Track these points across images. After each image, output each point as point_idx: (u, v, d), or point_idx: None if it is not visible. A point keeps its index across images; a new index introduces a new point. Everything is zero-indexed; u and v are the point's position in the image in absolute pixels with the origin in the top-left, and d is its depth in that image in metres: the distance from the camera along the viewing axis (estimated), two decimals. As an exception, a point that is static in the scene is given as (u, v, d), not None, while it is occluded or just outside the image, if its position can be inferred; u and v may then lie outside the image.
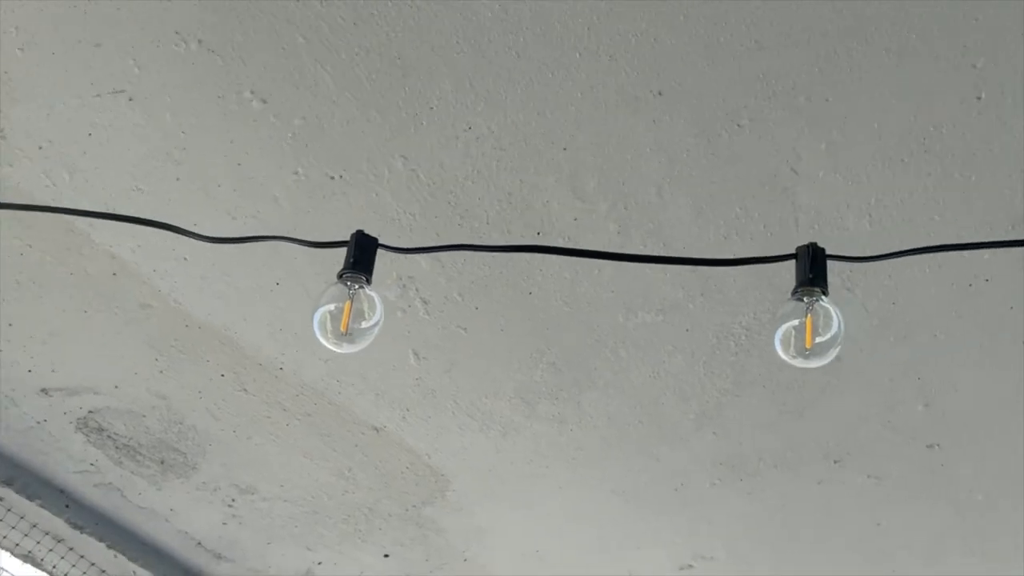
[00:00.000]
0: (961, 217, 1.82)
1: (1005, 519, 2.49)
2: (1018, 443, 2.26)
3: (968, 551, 2.60)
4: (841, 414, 2.21)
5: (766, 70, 1.63)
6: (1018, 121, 1.67)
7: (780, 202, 1.82)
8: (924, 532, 2.55)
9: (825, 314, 1.20)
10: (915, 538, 2.57)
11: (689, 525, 2.58)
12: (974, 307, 1.98)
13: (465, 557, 2.80)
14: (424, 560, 2.82)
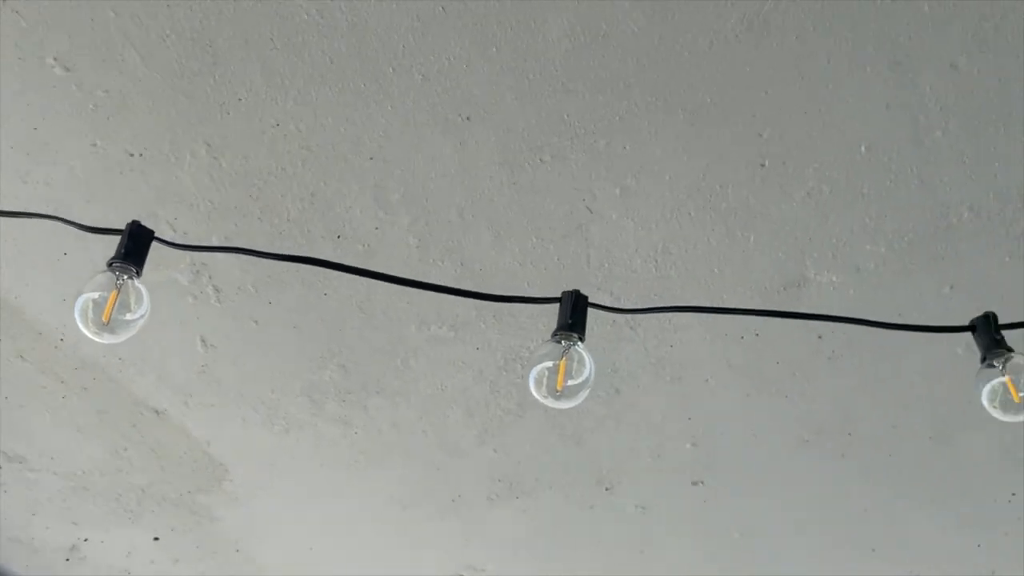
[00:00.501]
0: (739, 273, 1.95)
1: (758, 558, 2.66)
2: (775, 487, 2.42)
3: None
4: (615, 444, 2.32)
5: (571, 112, 1.70)
6: (796, 190, 1.80)
7: (575, 238, 1.90)
8: (685, 563, 2.69)
9: (579, 359, 1.27)
10: (677, 568, 2.71)
11: (463, 536, 2.65)
12: (744, 359, 2.12)
13: (237, 548, 2.79)
14: (195, 547, 2.79)
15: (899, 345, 2.01)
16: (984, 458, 2.32)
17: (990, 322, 1.34)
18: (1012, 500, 2.43)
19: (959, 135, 1.72)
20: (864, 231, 1.86)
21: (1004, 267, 1.91)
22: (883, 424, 2.23)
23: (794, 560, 2.61)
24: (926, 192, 1.80)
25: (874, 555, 2.59)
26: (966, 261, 1.91)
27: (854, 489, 2.40)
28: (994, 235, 1.87)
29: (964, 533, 2.53)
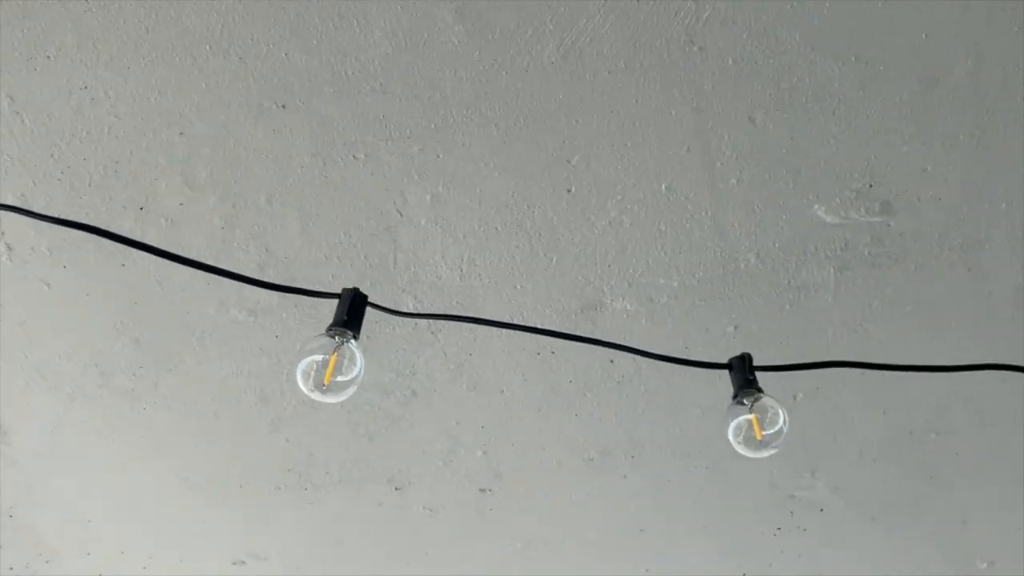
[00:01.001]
0: (540, 291, 2.01)
1: (539, 569, 2.74)
2: (560, 501, 2.50)
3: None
4: (408, 445, 2.36)
5: (387, 113, 1.73)
6: (599, 219, 1.88)
7: (383, 238, 1.92)
8: (468, 568, 2.75)
9: (351, 356, 1.30)
10: (459, 572, 2.77)
11: (248, 523, 2.63)
12: (539, 374, 2.19)
13: (11, 514, 2.70)
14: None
15: (683, 376, 2.11)
16: (754, 491, 2.45)
17: (745, 362, 1.44)
18: (777, 534, 2.58)
19: (752, 185, 1.83)
20: (659, 265, 1.95)
21: (784, 314, 2.04)
22: (664, 450, 2.34)
23: (572, 574, 2.70)
24: (718, 235, 1.90)
25: (647, 575, 2.71)
26: (750, 304, 2.02)
27: (633, 510, 2.51)
28: (777, 284, 1.99)
29: (733, 562, 2.67)
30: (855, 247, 1.92)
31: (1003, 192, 1.83)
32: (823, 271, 1.96)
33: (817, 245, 1.92)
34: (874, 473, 2.42)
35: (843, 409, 2.26)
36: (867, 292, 2.01)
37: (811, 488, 2.46)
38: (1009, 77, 1.66)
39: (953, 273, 1.97)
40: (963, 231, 1.90)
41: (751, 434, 1.43)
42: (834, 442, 2.33)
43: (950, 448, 2.35)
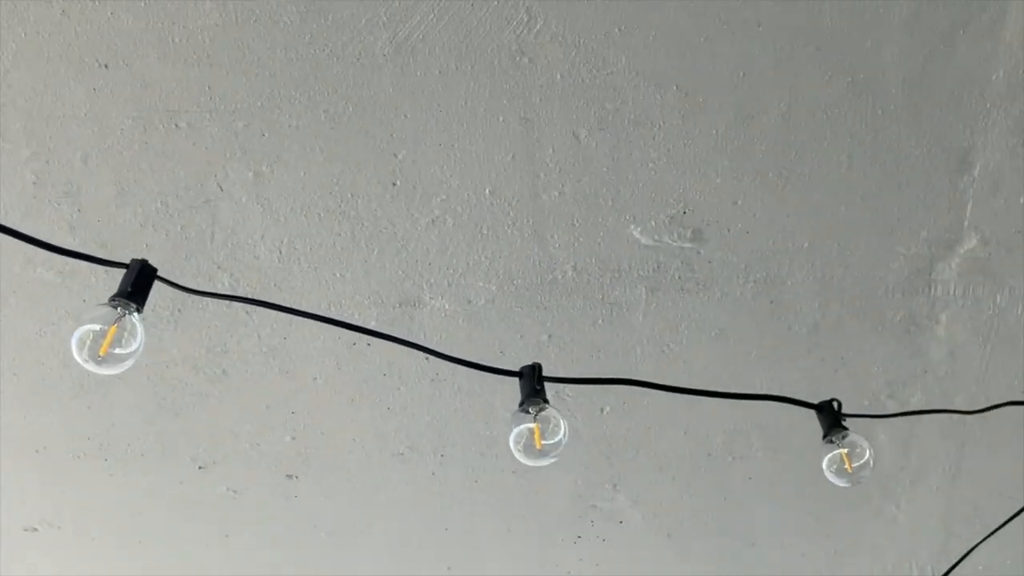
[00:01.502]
0: (359, 282, 2.02)
1: (341, 559, 2.74)
2: (367, 493, 2.51)
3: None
4: (215, 424, 2.32)
5: (213, 85, 1.71)
6: (423, 216, 1.90)
7: (201, 211, 1.90)
8: (268, 553, 2.73)
9: (131, 328, 1.28)
10: (258, 556, 2.74)
11: (43, 489, 2.55)
12: (353, 364, 2.19)
13: None
14: None
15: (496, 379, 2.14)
16: (558, 499, 2.51)
17: (535, 372, 1.48)
18: (577, 542, 2.65)
19: (573, 199, 1.87)
20: (479, 268, 1.98)
21: (596, 328, 2.10)
22: (473, 451, 2.37)
23: (374, 567, 2.71)
24: (538, 244, 1.94)
25: (449, 573, 2.74)
26: (564, 316, 2.07)
27: (439, 508, 2.53)
28: (591, 298, 2.05)
29: (532, 566, 2.73)
30: (666, 270, 1.99)
31: (807, 232, 1.93)
32: (635, 290, 2.03)
33: (631, 264, 1.98)
34: (672, 490, 2.51)
35: (647, 425, 2.34)
36: (675, 314, 2.08)
37: (612, 500, 2.53)
38: (818, 123, 1.75)
39: (756, 304, 2.06)
40: (767, 266, 1.99)
41: (531, 442, 1.47)
42: (636, 457, 2.41)
43: (744, 472, 2.45)
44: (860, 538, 2.64)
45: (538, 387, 1.46)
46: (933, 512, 2.55)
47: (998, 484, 2.46)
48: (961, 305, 2.06)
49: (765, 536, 2.65)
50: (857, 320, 2.09)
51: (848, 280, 2.02)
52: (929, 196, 1.87)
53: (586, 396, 2.28)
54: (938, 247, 1.96)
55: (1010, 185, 1.84)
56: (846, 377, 2.20)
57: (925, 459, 2.43)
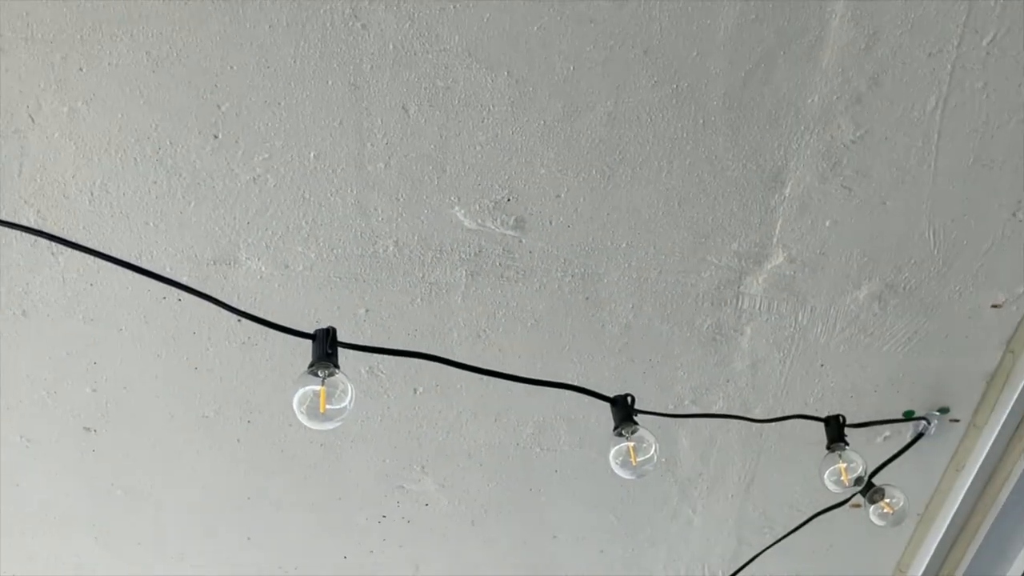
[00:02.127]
0: (173, 233, 1.99)
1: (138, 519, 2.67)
2: (167, 453, 2.45)
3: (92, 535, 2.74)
4: (10, 368, 2.23)
5: (31, 11, 1.65)
6: (243, 173, 1.88)
7: (10, 141, 1.83)
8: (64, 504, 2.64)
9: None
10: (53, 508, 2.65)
11: None
12: (162, 319, 2.14)
13: None
14: None
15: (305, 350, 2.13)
16: (365, 476, 2.51)
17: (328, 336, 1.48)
18: (382, 521, 2.65)
19: (399, 173, 1.87)
20: (299, 233, 1.96)
21: (415, 307, 2.10)
22: (280, 420, 2.34)
23: (171, 530, 2.65)
24: (361, 215, 1.94)
25: (250, 543, 2.71)
26: (384, 291, 2.07)
27: (242, 475, 2.49)
28: (412, 276, 2.05)
29: (334, 542, 2.72)
30: (488, 255, 2.01)
31: (625, 232, 1.98)
32: (456, 272, 2.04)
33: (453, 246, 1.99)
34: (479, 477, 2.53)
35: (459, 410, 2.36)
36: (494, 301, 2.10)
37: (419, 482, 2.54)
38: (642, 125, 1.80)
39: (572, 299, 2.10)
40: (586, 261, 2.03)
41: (316, 405, 1.47)
42: (446, 440, 2.42)
43: (551, 464, 2.50)
44: (657, 539, 2.73)
45: (329, 351, 1.46)
46: (727, 518, 2.65)
47: (788, 496, 2.58)
48: (765, 319, 2.15)
49: (567, 530, 2.71)
50: (667, 324, 2.15)
51: (661, 284, 2.08)
52: (742, 210, 1.94)
53: (400, 375, 2.29)
54: (747, 261, 2.03)
55: (818, 207, 1.93)
56: (653, 379, 2.27)
57: (723, 466, 2.52)
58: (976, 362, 2.23)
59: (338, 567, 2.78)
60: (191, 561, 2.77)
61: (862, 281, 2.06)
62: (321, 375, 1.46)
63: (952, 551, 2.55)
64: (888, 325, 2.15)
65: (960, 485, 2.41)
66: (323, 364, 1.45)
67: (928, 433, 2.34)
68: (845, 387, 2.28)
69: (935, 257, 2.01)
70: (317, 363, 1.45)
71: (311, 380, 1.46)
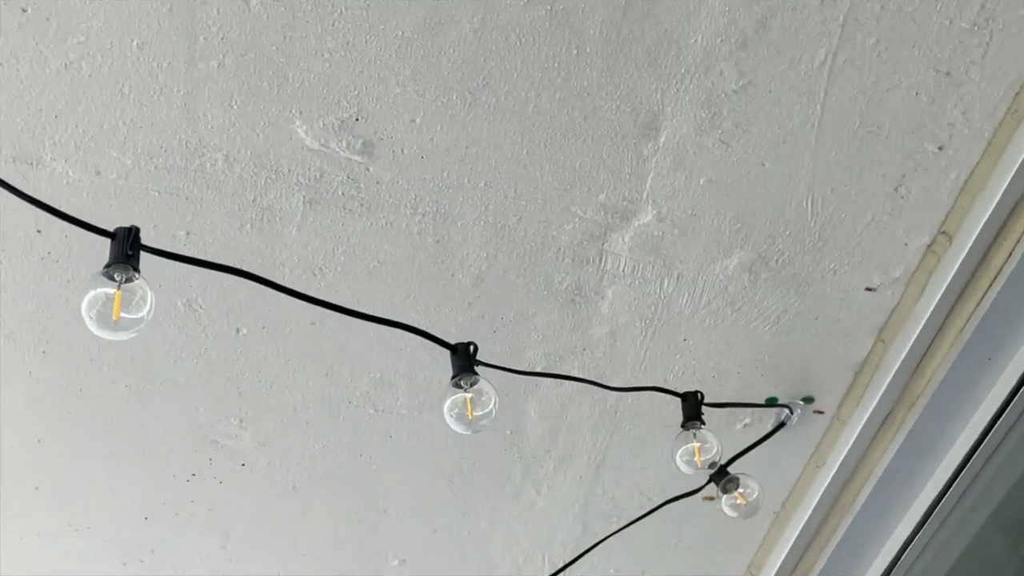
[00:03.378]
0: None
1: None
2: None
3: None
4: None
5: None
6: (54, 58, 1.81)
7: None
8: None
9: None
10: None
11: None
12: (-54, 221, 2.01)
13: None
14: None
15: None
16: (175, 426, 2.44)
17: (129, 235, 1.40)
18: (191, 480, 2.56)
19: (234, 76, 1.81)
20: (115, 135, 1.88)
21: (242, 234, 2.04)
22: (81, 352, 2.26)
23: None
24: (188, 121, 1.86)
25: (37, 493, 2.59)
26: (208, 212, 2.01)
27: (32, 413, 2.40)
28: (242, 197, 1.98)
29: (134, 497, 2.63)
30: (329, 182, 1.96)
31: (484, 170, 1.95)
32: (292, 198, 1.98)
33: (291, 167, 1.94)
34: (305, 437, 2.48)
35: (287, 358, 2.30)
36: (333, 236, 2.05)
37: (236, 437, 2.48)
38: (511, 48, 1.78)
39: (421, 241, 2.06)
40: (439, 200, 1.99)
41: (108, 311, 1.39)
42: (270, 392, 2.36)
43: (385, 428, 2.46)
44: (497, 521, 2.72)
45: (130, 252, 1.38)
46: (573, 502, 2.66)
47: (640, 482, 2.60)
48: (629, 283, 2.15)
49: (398, 503, 2.69)
50: (523, 279, 2.14)
51: (520, 233, 2.06)
52: (612, 158, 1.94)
53: (221, 312, 2.22)
54: (614, 215, 2.03)
55: (692, 162, 1.94)
56: (505, 339, 2.26)
57: (573, 444, 2.53)
58: (845, 350, 2.27)
59: (137, 529, 2.70)
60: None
61: (733, 249, 2.08)
62: (118, 279, 1.37)
63: (807, 552, 2.61)
64: (757, 301, 2.17)
65: (819, 482, 2.46)
66: (121, 266, 1.37)
67: (790, 423, 2.37)
68: (707, 366, 2.31)
69: (811, 229, 2.04)
70: (114, 264, 1.38)
71: (105, 283, 1.38)
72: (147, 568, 2.82)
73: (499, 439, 2.47)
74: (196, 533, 2.74)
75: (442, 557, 2.78)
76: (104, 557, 2.80)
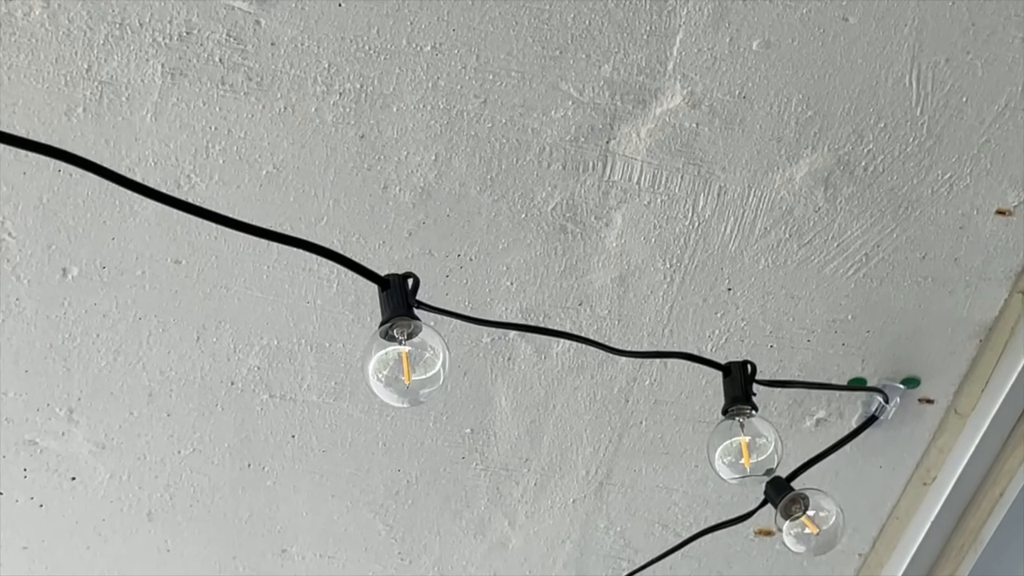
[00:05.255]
0: None
1: None
2: None
3: None
4: None
5: None
6: None
7: None
8: None
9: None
10: None
11: None
12: None
13: None
14: None
15: None
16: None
17: None
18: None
19: None
20: None
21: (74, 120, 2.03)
22: None
23: None
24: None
25: None
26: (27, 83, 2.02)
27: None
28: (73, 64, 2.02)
29: None
30: (200, 42, 1.96)
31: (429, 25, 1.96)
32: (146, 67, 2.00)
33: (144, 20, 1.94)
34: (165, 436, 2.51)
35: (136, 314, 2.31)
36: (206, 124, 2.07)
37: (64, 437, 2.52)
38: None
39: (339, 135, 2.09)
40: (363, 71, 2.01)
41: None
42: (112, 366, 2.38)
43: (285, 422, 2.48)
44: (452, 569, 2.71)
45: None
46: (564, 539, 2.67)
47: (661, 507, 2.60)
48: (647, 203, 2.15)
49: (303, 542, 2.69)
50: (489, 195, 2.14)
51: (485, 124, 2.05)
52: (623, 8, 1.92)
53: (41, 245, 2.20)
54: (625, 97, 2.03)
55: (742, 15, 1.93)
56: (461, 287, 2.27)
57: (563, 450, 2.56)
58: (967, 308, 2.28)
59: None
60: None
61: (802, 150, 2.08)
62: None
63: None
64: (837, 229, 2.17)
65: (929, 505, 2.46)
66: None
67: (884, 417, 2.37)
68: (763, 328, 2.31)
69: (917, 120, 2.04)
70: None
71: None
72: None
73: (455, 442, 2.46)
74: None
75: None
76: None
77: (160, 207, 1.77)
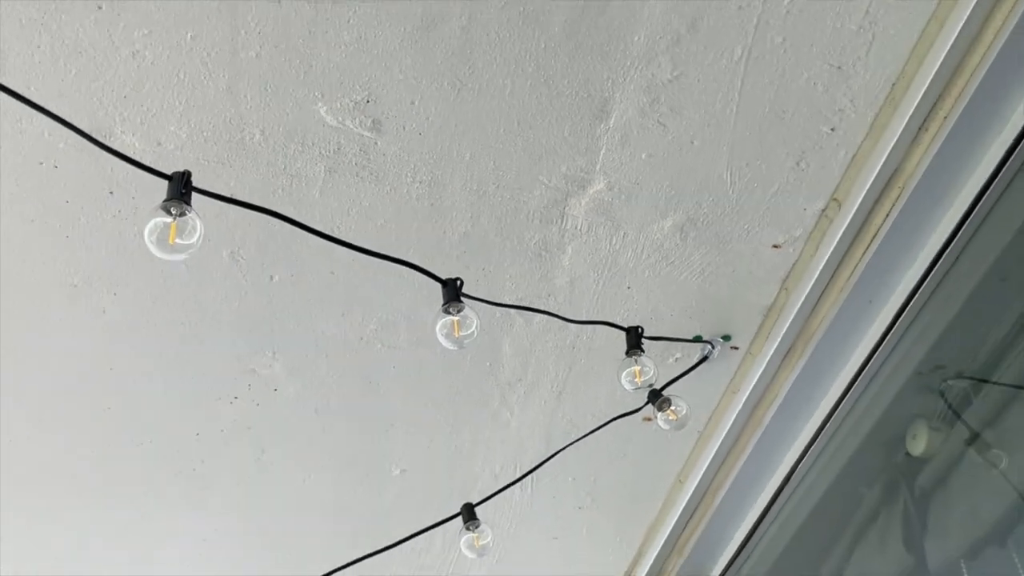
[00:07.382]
0: (51, 99, 1.86)
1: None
2: (35, 323, 2.29)
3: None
4: None
5: None
6: (124, 46, 1.79)
7: None
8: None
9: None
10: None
11: None
12: (36, 185, 2.00)
13: None
14: None
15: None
16: (218, 359, 2.40)
17: (183, 178, 1.38)
18: (234, 403, 2.54)
19: (269, 64, 1.80)
20: (172, 111, 1.90)
21: (276, 196, 2.02)
22: (145, 294, 2.22)
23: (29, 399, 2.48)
24: (231, 101, 1.88)
25: (108, 413, 2.56)
26: (247, 178, 2.00)
27: (107, 346, 2.36)
28: (275, 166, 1.98)
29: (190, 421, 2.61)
30: (346, 154, 1.94)
31: (469, 145, 1.94)
32: (315, 167, 1.97)
33: (315, 141, 1.92)
34: (325, 367, 2.47)
35: (309, 299, 2.28)
36: (348, 198, 2.04)
37: (270, 367, 2.45)
38: (491, 43, 1.77)
39: (419, 205, 2.06)
40: (433, 170, 1.98)
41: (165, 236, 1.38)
42: (296, 329, 2.34)
43: (389, 360, 2.45)
44: (478, 437, 2.71)
45: (184, 191, 1.37)
46: (539, 423, 2.65)
47: (592, 406, 2.59)
48: (584, 241, 2.15)
49: (400, 422, 2.67)
50: (500, 237, 2.13)
51: (498, 198, 2.05)
52: (572, 135, 1.93)
53: (258, 262, 2.20)
54: (573, 184, 2.03)
55: (636, 140, 1.94)
56: (485, 286, 2.25)
57: (539, 375, 2.52)
58: (756, 296, 2.28)
59: (188, 443, 2.67)
60: (47, 426, 2.60)
61: (668, 212, 2.08)
62: (174, 212, 1.36)
63: (725, 462, 2.61)
64: (686, 256, 2.17)
65: (735, 405, 2.46)
66: (175, 202, 1.36)
67: (712, 357, 2.37)
68: (647, 309, 2.31)
69: (730, 196, 2.04)
70: (170, 200, 1.36)
71: (162, 214, 1.37)
72: (198, 476, 2.79)
73: (480, 370, 2.47)
74: (237, 449, 2.71)
75: (434, 466, 2.77)
76: (160, 467, 2.76)
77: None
